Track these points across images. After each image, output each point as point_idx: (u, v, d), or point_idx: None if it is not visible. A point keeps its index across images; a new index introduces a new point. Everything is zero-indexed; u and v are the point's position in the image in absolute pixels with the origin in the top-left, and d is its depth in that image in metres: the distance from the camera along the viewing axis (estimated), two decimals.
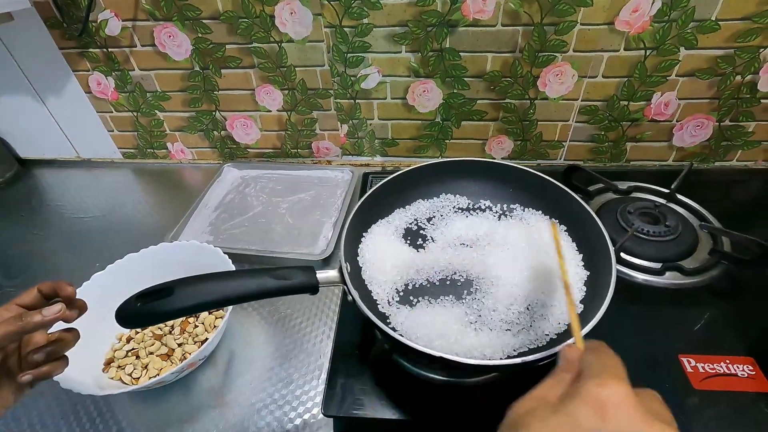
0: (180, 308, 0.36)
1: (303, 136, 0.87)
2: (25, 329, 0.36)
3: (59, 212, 0.85)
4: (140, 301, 0.36)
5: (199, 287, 0.37)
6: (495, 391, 0.46)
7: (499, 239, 0.53)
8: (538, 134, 0.81)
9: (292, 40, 0.73)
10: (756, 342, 0.48)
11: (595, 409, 0.22)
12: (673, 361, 0.47)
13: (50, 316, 0.37)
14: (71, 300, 0.40)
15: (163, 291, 0.36)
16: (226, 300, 0.38)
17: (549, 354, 0.37)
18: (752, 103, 0.72)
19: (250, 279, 0.38)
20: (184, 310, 0.36)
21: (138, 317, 0.37)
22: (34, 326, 0.37)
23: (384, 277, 0.49)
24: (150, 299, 0.36)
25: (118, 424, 0.52)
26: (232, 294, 0.38)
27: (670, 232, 0.59)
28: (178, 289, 0.36)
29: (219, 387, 0.55)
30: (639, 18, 0.65)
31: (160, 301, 0.36)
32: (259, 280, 0.39)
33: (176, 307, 0.36)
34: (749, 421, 0.42)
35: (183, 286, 0.37)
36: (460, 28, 0.69)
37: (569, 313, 0.35)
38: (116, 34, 0.75)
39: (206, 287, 0.37)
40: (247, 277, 0.39)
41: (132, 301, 0.36)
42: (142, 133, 0.90)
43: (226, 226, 0.77)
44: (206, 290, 0.37)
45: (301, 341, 0.59)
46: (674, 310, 0.54)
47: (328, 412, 0.45)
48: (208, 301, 0.37)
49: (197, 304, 0.37)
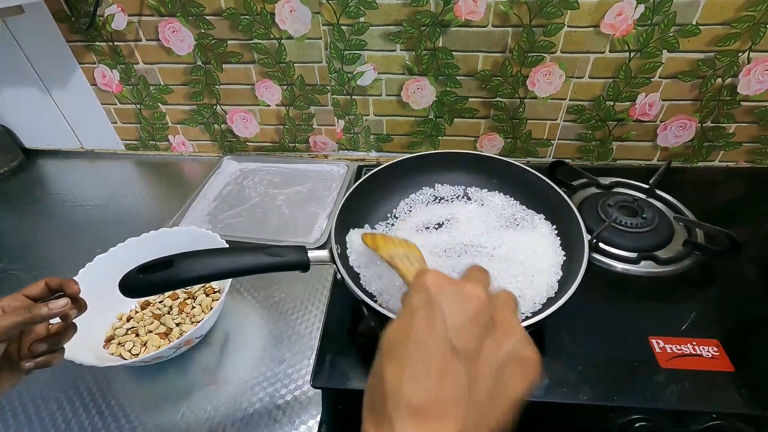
0: (179, 279, 0.39)
1: (301, 131, 0.90)
2: (33, 320, 0.38)
3: (62, 201, 0.88)
4: (142, 273, 0.39)
5: (197, 261, 0.40)
6: None
7: (464, 220, 0.56)
8: (527, 132, 0.83)
9: (291, 37, 0.76)
10: (722, 326, 0.51)
11: (420, 289, 0.27)
12: (643, 342, 0.50)
13: (56, 309, 0.39)
14: (75, 297, 0.42)
15: (164, 264, 0.39)
16: (222, 273, 0.41)
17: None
18: (732, 105, 0.75)
19: (245, 255, 0.41)
20: (184, 282, 0.39)
21: (140, 287, 0.39)
22: (41, 318, 0.39)
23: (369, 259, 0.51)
24: (151, 271, 0.39)
25: (116, 398, 0.55)
26: (228, 268, 0.40)
27: (647, 224, 0.62)
28: (178, 262, 0.39)
29: (214, 366, 0.58)
30: (623, 21, 0.68)
31: (160, 273, 0.38)
32: (254, 256, 0.41)
33: (176, 278, 0.39)
34: (711, 397, 0.45)
35: (182, 260, 0.39)
36: (452, 28, 0.71)
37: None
38: (122, 29, 0.78)
39: (204, 261, 0.40)
40: (243, 254, 0.41)
41: (134, 272, 0.39)
42: (144, 125, 0.93)
43: (224, 215, 0.79)
44: (204, 264, 0.40)
45: (294, 324, 0.62)
46: (648, 297, 0.57)
47: (316, 384, 0.48)
48: (206, 273, 0.40)
49: (196, 277, 0.39)
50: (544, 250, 0.50)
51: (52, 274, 0.72)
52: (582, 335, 0.51)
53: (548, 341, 0.51)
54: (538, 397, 0.45)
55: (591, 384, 0.46)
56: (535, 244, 0.51)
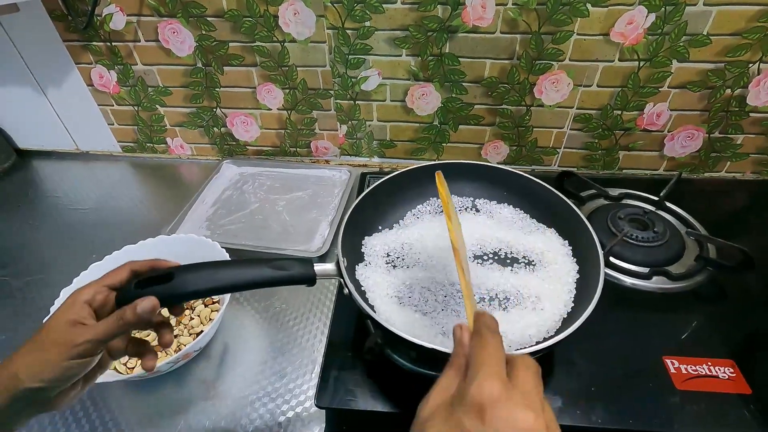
0: (179, 294, 0.37)
1: (302, 135, 0.88)
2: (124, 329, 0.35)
3: (56, 204, 0.85)
4: (139, 287, 0.37)
5: (198, 274, 0.38)
6: None
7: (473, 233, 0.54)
8: (533, 140, 0.82)
9: (295, 40, 0.74)
10: (737, 345, 0.50)
11: (476, 412, 0.25)
12: (658, 362, 0.48)
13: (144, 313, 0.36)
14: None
15: (163, 277, 0.37)
16: (224, 287, 0.39)
17: (537, 350, 0.38)
18: (741, 116, 0.74)
19: (248, 268, 0.39)
20: (183, 296, 0.37)
21: None
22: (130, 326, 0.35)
23: (379, 277, 0.50)
24: (149, 284, 0.37)
25: (111, 413, 0.53)
26: (230, 282, 0.39)
27: (658, 238, 0.61)
28: (178, 276, 0.37)
29: (212, 379, 0.56)
30: (633, 30, 0.67)
31: (159, 287, 0.36)
32: (257, 269, 0.39)
33: (175, 292, 0.37)
34: (728, 421, 0.43)
35: (182, 273, 0.37)
36: (459, 34, 0.70)
37: (460, 281, 0.35)
38: (120, 29, 0.76)
39: (205, 274, 0.38)
40: (246, 267, 0.39)
41: (132, 286, 0.37)
42: (142, 127, 0.91)
43: (223, 221, 0.77)
44: (205, 277, 0.38)
45: (295, 336, 0.60)
46: (660, 314, 0.55)
47: (320, 403, 0.46)
48: (207, 288, 0.38)
49: (196, 291, 0.37)
50: (557, 267, 0.48)
51: (44, 280, 0.70)
52: (594, 353, 0.50)
53: (559, 359, 0.50)
54: None
55: (605, 406, 0.45)
56: (548, 261, 0.49)
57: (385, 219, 0.58)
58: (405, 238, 0.54)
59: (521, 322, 0.44)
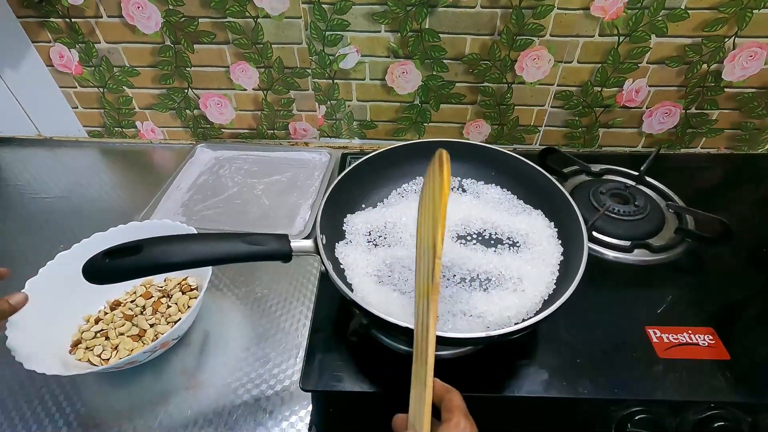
0: (149, 266, 0.36)
1: (280, 117, 0.85)
2: None
3: (19, 193, 0.81)
4: (108, 258, 0.35)
5: (168, 247, 0.36)
6: (469, 365, 0.47)
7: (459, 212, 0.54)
8: (514, 119, 0.82)
9: (269, 15, 0.71)
10: (716, 314, 0.51)
11: None
12: (640, 333, 0.49)
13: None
14: None
15: (132, 249, 0.35)
16: (196, 261, 0.37)
17: (519, 329, 0.38)
18: (716, 91, 0.75)
19: (221, 242, 0.38)
20: (154, 268, 0.36)
21: (105, 273, 0.36)
22: None
23: (359, 255, 0.49)
24: (119, 256, 0.35)
25: (86, 406, 0.51)
26: (201, 256, 0.37)
27: (639, 212, 0.62)
28: (147, 248, 0.36)
29: (193, 368, 0.54)
30: (613, 4, 0.66)
31: (128, 258, 0.35)
32: (230, 243, 0.38)
33: (145, 264, 0.35)
34: (708, 386, 0.45)
35: (151, 245, 0.36)
36: (439, 8, 0.68)
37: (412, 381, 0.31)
38: (80, 4, 0.71)
39: (175, 247, 0.37)
40: (219, 240, 0.38)
41: (99, 257, 0.35)
42: (109, 110, 0.86)
43: (199, 207, 0.75)
44: (175, 250, 0.36)
45: (278, 321, 0.58)
46: (642, 286, 0.56)
47: (306, 387, 0.45)
48: (178, 261, 0.36)
49: (166, 263, 0.36)
50: (542, 248, 0.48)
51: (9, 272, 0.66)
52: (579, 327, 0.50)
53: (544, 334, 0.50)
54: (537, 393, 0.44)
55: (591, 377, 0.45)
56: (533, 243, 0.49)
57: (368, 197, 0.57)
58: (388, 217, 0.53)
59: (501, 303, 0.43)
